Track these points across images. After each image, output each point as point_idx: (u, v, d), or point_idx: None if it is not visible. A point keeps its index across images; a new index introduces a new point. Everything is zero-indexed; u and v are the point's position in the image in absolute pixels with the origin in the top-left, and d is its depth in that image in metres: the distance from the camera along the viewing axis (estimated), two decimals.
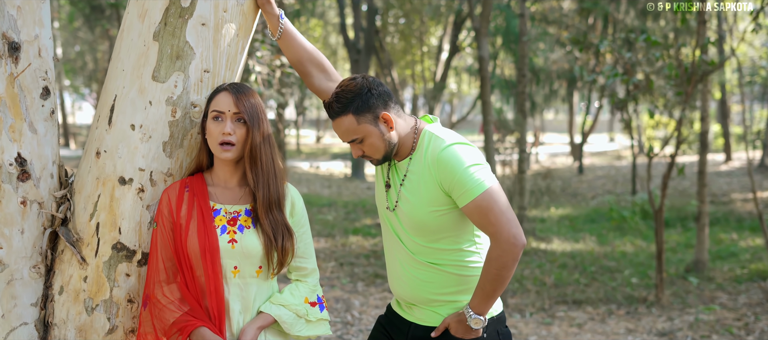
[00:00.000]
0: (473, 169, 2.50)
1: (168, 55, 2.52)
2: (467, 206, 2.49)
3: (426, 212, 2.58)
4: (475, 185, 2.48)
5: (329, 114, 2.59)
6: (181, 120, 2.56)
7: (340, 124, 2.57)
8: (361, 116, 2.55)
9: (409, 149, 2.65)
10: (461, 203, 2.51)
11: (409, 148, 2.65)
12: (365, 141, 2.58)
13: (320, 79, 2.79)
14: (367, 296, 7.55)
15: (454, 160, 2.51)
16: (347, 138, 2.58)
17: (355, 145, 2.60)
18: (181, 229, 2.46)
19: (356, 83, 2.57)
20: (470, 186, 2.48)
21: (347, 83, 2.57)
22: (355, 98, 2.54)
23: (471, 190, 2.48)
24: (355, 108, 2.54)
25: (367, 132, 2.57)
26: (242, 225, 2.49)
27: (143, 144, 2.53)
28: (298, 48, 2.76)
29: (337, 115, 2.56)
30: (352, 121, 2.55)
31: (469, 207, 2.49)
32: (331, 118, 2.59)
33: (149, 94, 2.53)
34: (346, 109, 2.54)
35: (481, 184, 2.48)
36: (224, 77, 2.61)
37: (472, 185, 2.48)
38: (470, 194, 2.48)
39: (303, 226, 2.62)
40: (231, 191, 2.55)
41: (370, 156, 2.62)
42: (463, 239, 2.63)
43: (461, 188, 2.49)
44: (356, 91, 2.55)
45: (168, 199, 2.50)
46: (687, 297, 7.54)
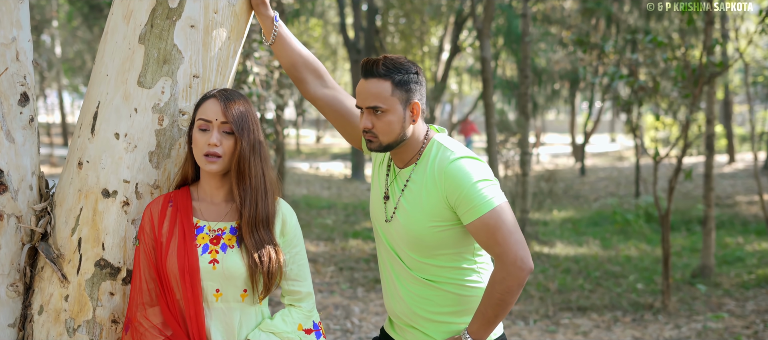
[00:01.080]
0: (482, 184, 2.35)
1: (155, 59, 2.37)
2: (473, 223, 2.34)
3: (425, 225, 2.43)
4: (483, 202, 2.32)
5: (366, 71, 2.41)
6: (168, 128, 2.40)
7: (373, 85, 2.38)
8: (398, 90, 2.39)
9: (414, 155, 2.49)
10: (467, 220, 2.35)
11: (414, 154, 2.49)
12: (384, 116, 2.40)
13: (316, 86, 2.64)
14: (367, 302, 7.40)
15: (463, 174, 2.36)
16: (370, 102, 2.39)
17: (370, 114, 2.41)
18: (161, 247, 2.30)
19: (408, 61, 2.44)
20: (478, 202, 2.32)
21: (398, 57, 2.43)
22: (402, 70, 2.40)
23: (478, 206, 2.32)
24: (398, 80, 2.39)
25: (393, 108, 2.40)
26: (225, 244, 2.32)
27: (128, 154, 2.37)
28: (292, 53, 2.60)
29: (375, 75, 2.38)
30: (387, 88, 2.38)
31: (475, 225, 2.33)
32: (364, 75, 2.41)
33: (135, 101, 2.37)
34: (389, 74, 2.39)
35: (490, 201, 2.33)
36: (215, 83, 2.45)
37: (479, 202, 2.32)
38: (477, 211, 2.32)
39: (296, 246, 2.44)
40: (217, 206, 2.38)
41: (377, 136, 2.42)
42: (462, 257, 2.48)
43: (468, 203, 2.33)
44: (406, 66, 2.41)
45: (150, 214, 2.34)
46: (694, 304, 7.40)
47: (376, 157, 2.65)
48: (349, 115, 2.65)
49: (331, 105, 2.64)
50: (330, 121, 2.69)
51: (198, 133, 2.29)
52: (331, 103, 2.64)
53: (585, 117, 20.45)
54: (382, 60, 2.40)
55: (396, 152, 2.50)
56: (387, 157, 2.60)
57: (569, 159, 25.20)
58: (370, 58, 2.42)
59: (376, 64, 2.39)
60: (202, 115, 2.29)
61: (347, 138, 2.71)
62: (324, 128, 36.50)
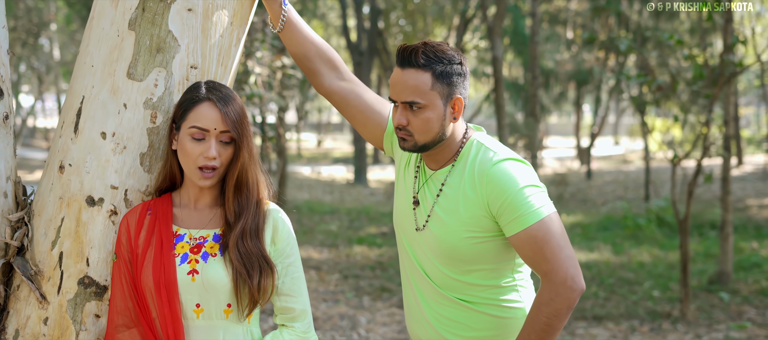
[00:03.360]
0: (529, 191, 2.06)
1: (147, 47, 2.08)
2: (518, 235, 2.04)
3: (461, 236, 2.13)
4: (530, 211, 2.03)
5: (402, 59, 2.11)
6: (162, 127, 2.11)
7: (411, 77, 2.09)
8: (439, 83, 2.10)
9: (450, 157, 2.20)
10: (510, 231, 2.06)
11: (451, 156, 2.20)
12: (422, 113, 2.10)
13: (331, 79, 2.34)
14: (373, 311, 7.12)
15: (508, 178, 2.07)
16: (406, 96, 2.09)
17: (405, 109, 2.11)
18: (138, 260, 2.02)
19: (451, 48, 2.13)
20: (524, 212, 2.03)
21: (440, 44, 2.13)
22: (444, 60, 2.10)
23: (525, 216, 2.03)
24: (439, 71, 2.10)
25: (433, 104, 2.10)
26: (207, 252, 2.04)
27: (116, 156, 2.08)
28: (304, 41, 2.30)
29: (414, 65, 2.09)
30: (427, 80, 2.09)
31: (520, 237, 2.04)
32: (401, 64, 2.12)
33: (124, 96, 2.08)
34: (430, 65, 2.09)
35: (538, 210, 2.04)
36: (215, 74, 2.16)
37: (526, 211, 2.03)
38: (523, 222, 2.03)
39: (289, 256, 2.14)
40: (200, 212, 2.10)
41: (413, 134, 2.13)
42: (501, 273, 2.19)
43: (513, 212, 2.04)
44: (448, 56, 2.11)
45: (127, 225, 2.06)
46: (713, 312, 7.17)
47: (402, 158, 2.35)
48: (370, 111, 2.35)
49: (349, 100, 2.35)
50: (347, 119, 2.39)
51: (190, 142, 2.01)
52: (349, 98, 2.34)
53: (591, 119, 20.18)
54: (421, 47, 2.10)
55: (430, 153, 2.21)
56: (416, 157, 2.30)
57: (573, 162, 24.92)
58: (407, 45, 2.12)
59: (415, 53, 2.09)
60: (197, 122, 2.00)
61: (368, 137, 2.41)
62: (325, 132, 36.23)
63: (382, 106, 2.37)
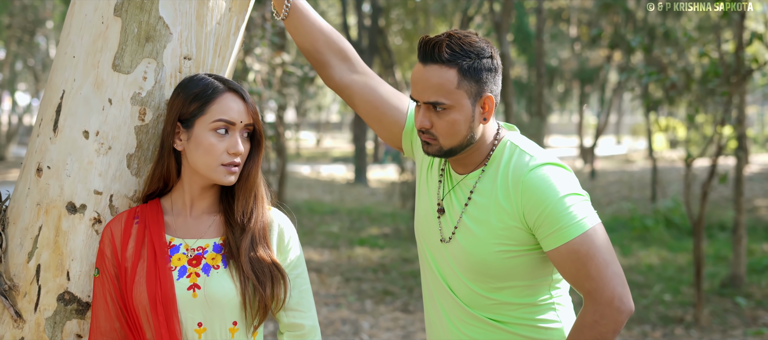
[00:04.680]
0: (571, 200, 1.83)
1: (134, 35, 1.85)
2: (558, 250, 1.82)
3: (492, 250, 1.90)
4: (572, 223, 1.81)
5: (424, 55, 1.87)
6: (152, 125, 1.88)
7: (434, 74, 1.85)
8: (466, 80, 1.86)
9: (480, 161, 1.96)
10: (549, 245, 1.83)
11: (481, 159, 1.96)
12: (448, 114, 1.86)
13: (342, 71, 2.11)
14: (376, 316, 6.92)
15: (547, 186, 1.84)
16: (429, 96, 1.85)
17: (429, 111, 1.87)
18: (127, 274, 1.80)
19: (480, 40, 1.89)
20: (566, 224, 1.81)
21: (467, 34, 1.89)
22: (471, 55, 1.86)
23: (566, 229, 1.81)
24: (466, 67, 1.85)
25: (460, 104, 1.87)
26: (208, 265, 1.83)
27: (100, 158, 1.86)
28: (311, 30, 2.07)
29: (437, 61, 1.84)
30: (453, 78, 1.85)
31: (561, 252, 1.81)
32: (423, 59, 1.87)
33: (109, 90, 1.86)
34: (455, 60, 1.85)
35: (581, 222, 1.81)
36: (212, 66, 1.94)
37: (568, 223, 1.81)
38: (565, 235, 1.81)
39: (297, 267, 1.94)
40: (196, 220, 1.88)
41: (437, 138, 1.89)
42: (537, 290, 1.96)
43: (553, 224, 1.82)
44: (477, 49, 1.87)
45: (111, 236, 1.84)
46: (727, 316, 6.99)
47: (424, 159, 2.12)
48: (386, 106, 2.12)
49: (363, 94, 2.11)
50: (361, 116, 2.15)
51: (213, 138, 1.80)
52: (363, 92, 2.11)
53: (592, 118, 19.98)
54: (446, 40, 1.85)
55: (457, 156, 1.97)
56: (440, 160, 2.07)
57: (576, 162, 24.71)
58: (430, 38, 1.87)
59: (439, 46, 1.85)
60: (223, 115, 1.80)
61: (385, 136, 2.18)
62: (324, 130, 36.00)
63: (399, 100, 2.13)
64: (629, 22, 11.60)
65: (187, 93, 1.83)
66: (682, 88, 6.69)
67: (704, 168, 16.04)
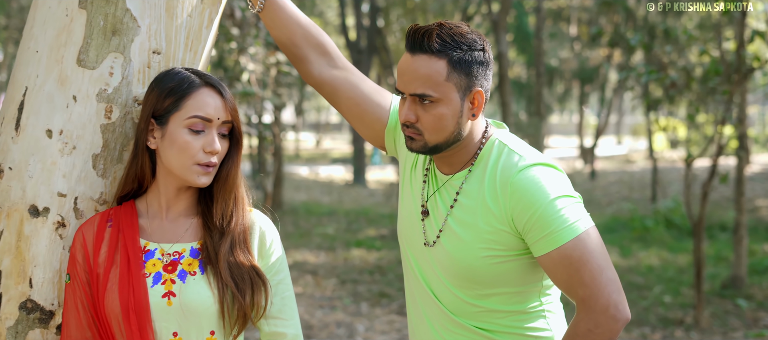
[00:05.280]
0: (563, 202, 1.72)
1: (100, 29, 1.76)
2: (549, 255, 1.71)
3: (478, 255, 1.80)
4: (564, 227, 1.70)
5: (412, 44, 1.76)
6: (119, 123, 1.78)
7: (422, 64, 1.74)
8: (455, 73, 1.76)
9: (467, 160, 1.86)
10: (540, 251, 1.73)
11: (468, 158, 1.86)
12: (435, 108, 1.76)
13: (321, 66, 2.00)
14: (372, 318, 6.82)
15: (537, 187, 1.73)
16: (416, 87, 1.75)
17: (414, 104, 1.77)
18: (99, 281, 1.70)
19: (471, 32, 1.79)
20: (557, 227, 1.70)
21: (458, 25, 1.79)
22: (462, 46, 1.76)
23: (558, 233, 1.70)
24: (456, 58, 1.75)
25: (448, 97, 1.76)
26: (185, 271, 1.73)
27: (64, 158, 1.76)
28: (288, 23, 1.97)
29: (426, 50, 1.74)
30: (442, 68, 1.75)
31: (552, 258, 1.71)
32: (411, 49, 1.77)
33: (73, 86, 1.76)
34: (445, 51, 1.75)
35: (573, 226, 1.70)
36: (183, 61, 1.84)
37: (559, 226, 1.70)
38: (556, 239, 1.70)
39: (279, 272, 1.83)
40: (173, 223, 1.79)
41: (422, 132, 1.79)
42: (526, 297, 1.85)
43: (544, 228, 1.71)
44: (468, 41, 1.77)
45: (83, 240, 1.74)
46: (728, 318, 6.91)
47: (407, 158, 2.01)
48: (367, 103, 2.01)
49: (343, 90, 2.01)
50: (341, 113, 2.05)
51: (188, 135, 1.71)
52: (343, 88, 2.01)
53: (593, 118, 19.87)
54: (436, 29, 1.75)
55: (443, 155, 1.86)
56: (424, 159, 1.96)
57: (577, 162, 24.61)
58: (419, 26, 1.77)
59: (428, 36, 1.74)
60: (198, 111, 1.70)
61: (366, 134, 2.07)
62: (324, 131, 35.91)
63: (381, 97, 2.03)
64: (629, 20, 11.51)
65: (161, 87, 1.73)
66: (682, 87, 6.58)
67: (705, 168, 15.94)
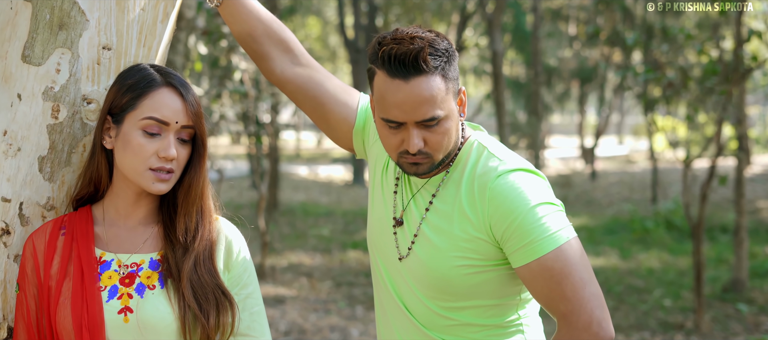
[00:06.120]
0: (544, 210, 1.62)
1: (46, 22, 1.64)
2: (528, 266, 1.61)
3: (452, 264, 1.68)
4: (544, 237, 1.60)
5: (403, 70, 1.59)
6: (67, 123, 1.67)
7: (424, 87, 1.59)
8: (448, 82, 1.65)
9: (444, 163, 1.73)
10: (519, 261, 1.62)
11: (445, 161, 1.73)
12: (441, 126, 1.64)
13: (283, 64, 1.88)
14: (366, 323, 6.72)
15: (516, 194, 1.62)
16: (425, 113, 1.60)
17: (420, 129, 1.62)
18: (50, 294, 1.58)
19: (434, 33, 1.66)
20: (537, 237, 1.60)
21: (424, 32, 1.65)
22: (443, 53, 1.64)
23: (538, 243, 1.60)
24: (445, 68, 1.64)
25: (451, 109, 1.65)
26: (143, 284, 1.61)
27: (9, 160, 1.65)
28: (248, 18, 1.85)
29: (421, 72, 1.59)
30: (440, 84, 1.62)
31: (532, 269, 1.60)
32: (404, 76, 1.59)
33: (18, 84, 1.65)
34: (439, 66, 1.62)
35: (555, 236, 1.60)
36: (136, 57, 1.72)
37: (539, 236, 1.60)
38: (536, 250, 1.60)
39: (247, 286, 1.71)
40: (131, 232, 1.66)
41: (432, 154, 1.65)
42: (503, 310, 1.74)
43: (523, 237, 1.60)
44: (443, 45, 1.65)
45: (33, 249, 1.62)
46: (728, 322, 6.81)
47: (377, 160, 1.88)
48: (333, 102, 1.88)
49: (306, 89, 1.87)
50: (306, 113, 1.91)
51: (141, 138, 1.58)
52: (306, 87, 1.87)
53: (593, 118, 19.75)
54: (425, 46, 1.59)
55: None
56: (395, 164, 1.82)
57: (577, 162, 24.50)
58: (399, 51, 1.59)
59: (420, 57, 1.58)
60: (154, 112, 1.58)
61: (332, 135, 1.94)
62: None
63: (348, 96, 1.90)
64: (627, 19, 11.41)
65: (121, 83, 1.62)
66: (680, 87, 6.47)
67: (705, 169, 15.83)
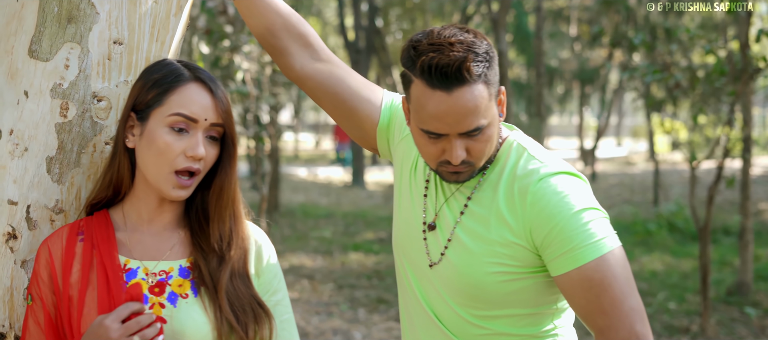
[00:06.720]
0: (588, 215, 1.53)
1: (54, 16, 1.57)
2: (568, 275, 1.52)
3: (487, 270, 1.59)
4: (587, 244, 1.51)
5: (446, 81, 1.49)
6: (76, 122, 1.59)
7: (468, 98, 1.50)
8: (490, 87, 1.55)
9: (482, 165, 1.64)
10: (559, 269, 1.54)
11: None
12: (484, 133, 1.54)
13: (303, 59, 1.78)
14: (369, 325, 6.64)
15: (560, 198, 1.54)
16: (470, 123, 1.51)
17: (463, 139, 1.53)
18: (71, 305, 1.49)
19: (474, 33, 1.55)
20: (579, 244, 1.51)
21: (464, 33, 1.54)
22: (487, 57, 1.55)
23: (581, 251, 1.51)
24: (487, 74, 1.54)
25: (493, 116, 1.56)
26: (175, 293, 1.51)
27: (15, 161, 1.57)
28: (266, 12, 1.76)
29: (465, 82, 1.49)
30: (484, 92, 1.53)
31: (572, 278, 1.52)
32: (445, 87, 1.49)
33: (25, 81, 1.57)
34: (482, 73, 1.52)
35: (599, 244, 1.51)
36: (148, 53, 1.64)
37: (582, 243, 1.51)
38: (578, 258, 1.51)
39: (276, 292, 1.63)
40: (156, 237, 1.57)
41: (474, 163, 1.57)
42: (538, 320, 1.65)
43: (564, 244, 1.52)
44: (484, 47, 1.55)
45: (49, 255, 1.52)
46: (734, 326, 6.74)
47: (404, 161, 1.78)
48: (356, 99, 1.78)
49: (328, 86, 1.78)
50: (327, 111, 1.82)
51: (168, 135, 1.49)
52: (328, 84, 1.78)
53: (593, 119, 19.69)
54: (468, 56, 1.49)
55: None
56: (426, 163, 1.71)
57: (577, 163, 24.44)
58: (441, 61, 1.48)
59: (463, 66, 1.48)
60: (182, 108, 1.49)
61: (355, 134, 1.85)
62: (322, 132, 35.70)
63: (371, 92, 1.81)
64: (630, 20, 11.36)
65: (147, 78, 1.53)
66: (687, 88, 6.40)
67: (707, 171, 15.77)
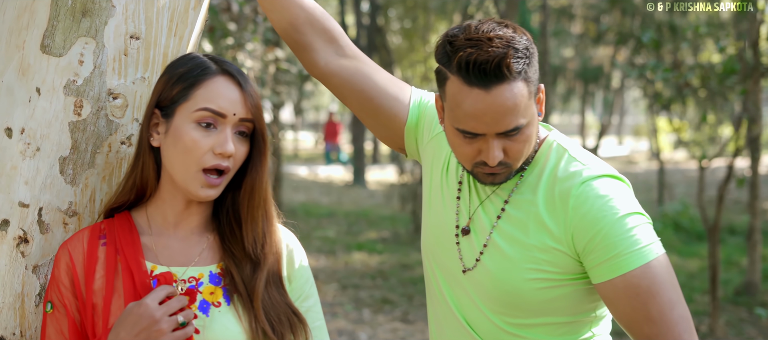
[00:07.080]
0: (633, 221, 1.46)
1: (68, 9, 1.49)
2: (612, 282, 1.45)
3: (525, 276, 1.52)
4: (632, 251, 1.44)
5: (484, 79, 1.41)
6: (90, 120, 1.52)
7: (507, 96, 1.42)
8: (530, 85, 1.47)
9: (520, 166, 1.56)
10: (601, 277, 1.46)
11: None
12: (522, 133, 1.46)
13: (328, 55, 1.70)
14: (374, 326, 6.58)
15: (603, 202, 1.47)
16: (509, 123, 1.43)
17: (500, 139, 1.46)
18: (95, 313, 1.41)
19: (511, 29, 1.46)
20: (624, 250, 1.44)
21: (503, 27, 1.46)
22: (527, 52, 1.46)
23: (626, 258, 1.44)
24: (527, 71, 1.46)
25: (532, 114, 1.48)
26: (207, 302, 1.44)
27: (27, 161, 1.50)
28: (290, 6, 1.68)
29: (504, 79, 1.42)
30: (523, 90, 1.44)
31: (616, 286, 1.44)
32: (483, 85, 1.41)
33: (36, 77, 1.50)
34: (522, 70, 1.44)
35: (645, 251, 1.44)
36: (166, 48, 1.57)
37: (628, 250, 1.44)
38: (623, 265, 1.44)
39: (308, 298, 1.56)
40: (182, 242, 1.49)
41: (511, 164, 1.50)
42: (576, 328, 1.58)
43: (608, 250, 1.45)
44: (524, 42, 1.46)
45: (69, 260, 1.44)
46: (743, 327, 6.69)
47: (435, 161, 1.70)
48: (382, 97, 1.70)
49: (354, 82, 1.69)
50: (352, 109, 1.73)
51: (195, 131, 1.41)
52: (354, 81, 1.69)
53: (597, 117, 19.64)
54: (509, 51, 1.41)
55: None
56: (458, 165, 1.65)
57: None
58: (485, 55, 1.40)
59: (504, 63, 1.40)
60: (209, 103, 1.41)
61: (381, 134, 1.76)
62: (322, 131, 35.66)
63: (399, 90, 1.72)
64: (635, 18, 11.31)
65: (171, 73, 1.45)
66: (698, 87, 6.34)
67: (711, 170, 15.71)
